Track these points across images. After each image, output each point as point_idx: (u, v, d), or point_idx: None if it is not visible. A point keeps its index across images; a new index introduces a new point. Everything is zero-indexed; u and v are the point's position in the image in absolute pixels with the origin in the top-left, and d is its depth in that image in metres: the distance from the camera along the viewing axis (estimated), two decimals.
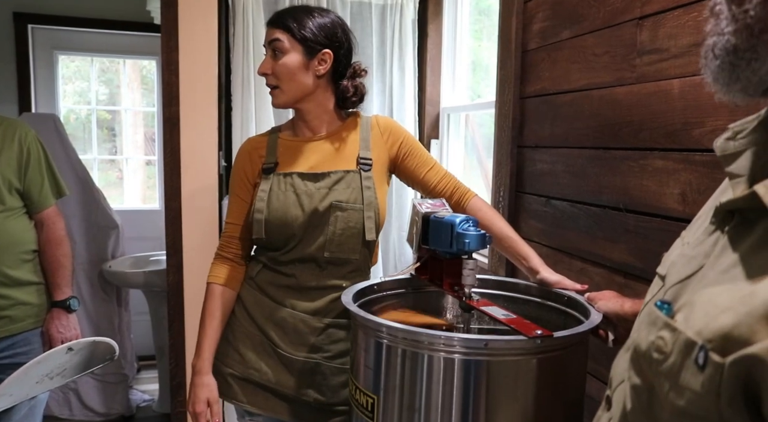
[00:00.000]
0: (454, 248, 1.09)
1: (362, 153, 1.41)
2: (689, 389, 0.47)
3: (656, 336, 0.53)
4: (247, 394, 1.40)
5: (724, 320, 0.45)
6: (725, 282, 0.49)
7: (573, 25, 1.61)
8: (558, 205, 1.67)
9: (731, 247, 0.52)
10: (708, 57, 0.53)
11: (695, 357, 0.47)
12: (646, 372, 0.54)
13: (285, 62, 1.37)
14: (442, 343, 0.95)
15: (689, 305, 0.52)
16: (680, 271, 0.59)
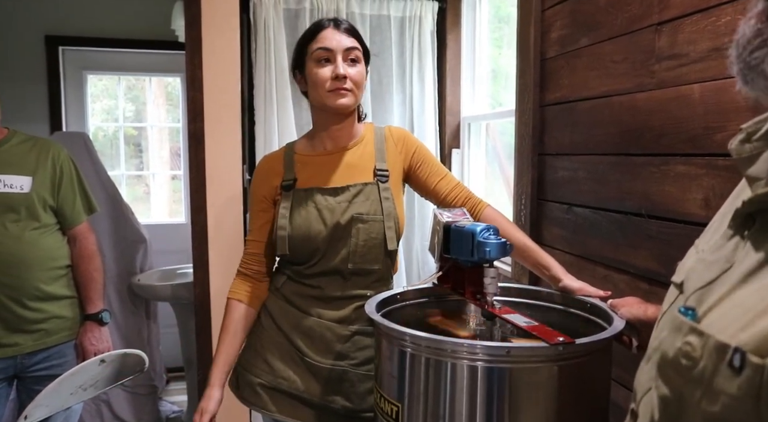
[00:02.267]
0: (476, 257, 1.10)
1: (378, 165, 1.44)
2: (724, 393, 0.47)
3: (683, 341, 0.53)
4: (276, 403, 1.42)
5: (761, 323, 0.45)
6: (753, 285, 0.49)
7: (591, 33, 1.61)
8: (580, 212, 1.67)
9: (754, 249, 0.52)
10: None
11: (729, 359, 0.46)
12: (674, 381, 0.54)
13: (361, 71, 1.42)
14: (465, 351, 0.96)
15: (716, 309, 0.52)
16: (701, 277, 0.59)
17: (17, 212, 1.74)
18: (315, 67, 1.39)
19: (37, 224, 1.78)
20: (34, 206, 1.77)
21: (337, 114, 1.42)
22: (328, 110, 1.41)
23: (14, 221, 1.74)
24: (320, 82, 1.37)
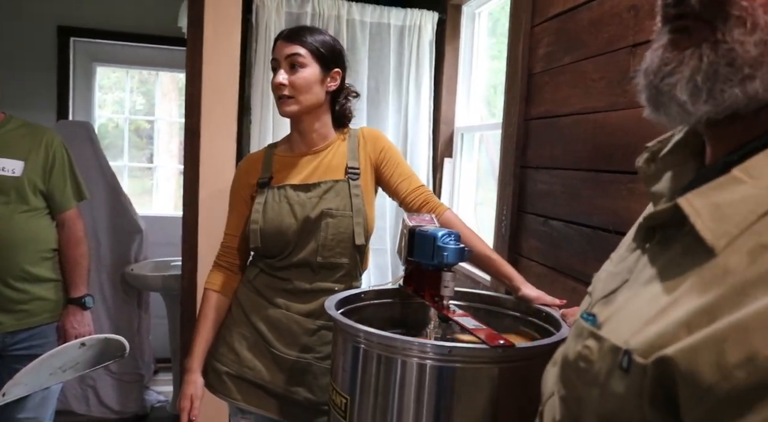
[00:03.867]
0: (435, 261, 1.14)
1: (350, 163, 1.49)
2: (615, 393, 0.50)
3: (583, 345, 0.57)
4: (241, 392, 1.47)
5: (649, 330, 0.49)
6: (647, 295, 0.53)
7: (574, 51, 1.65)
8: (555, 225, 1.71)
9: (650, 263, 0.56)
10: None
11: (620, 361, 0.50)
12: (574, 382, 0.58)
13: (304, 75, 1.45)
14: (415, 349, 1.00)
15: (614, 316, 0.56)
16: (605, 287, 0.63)
17: (7, 194, 1.79)
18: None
19: (26, 207, 1.84)
20: (24, 189, 1.82)
21: (291, 119, 1.49)
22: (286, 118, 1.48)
23: (4, 203, 1.79)
24: (272, 92, 1.46)
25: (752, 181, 0.47)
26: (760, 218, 0.45)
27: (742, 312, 0.41)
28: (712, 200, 0.48)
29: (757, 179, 0.47)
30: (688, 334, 0.44)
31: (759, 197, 0.46)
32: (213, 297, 1.52)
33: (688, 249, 0.50)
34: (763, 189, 0.46)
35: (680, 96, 0.51)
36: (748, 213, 0.46)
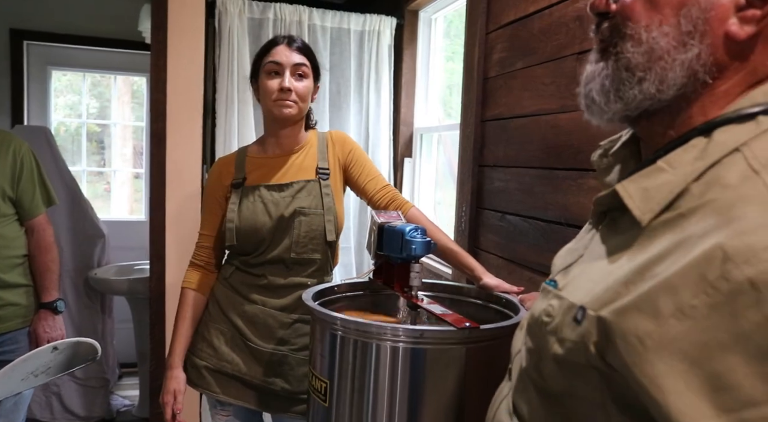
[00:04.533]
0: (404, 254, 1.23)
1: (320, 164, 1.57)
2: (568, 339, 0.62)
3: (547, 304, 0.68)
4: (219, 385, 1.54)
5: (598, 290, 0.60)
6: (597, 265, 0.65)
7: (526, 57, 1.77)
8: (511, 220, 1.83)
9: (601, 240, 0.67)
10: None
11: (575, 315, 0.61)
12: (537, 334, 0.69)
13: (307, 85, 1.55)
14: (388, 333, 1.09)
15: (571, 282, 0.67)
16: (564, 261, 0.74)
17: None
18: (266, 78, 1.52)
19: None
20: None
21: (283, 122, 1.54)
22: (275, 119, 1.54)
23: None
24: (268, 93, 1.51)
25: (672, 170, 0.58)
26: (677, 197, 0.57)
27: (665, 271, 0.52)
28: (641, 185, 0.60)
29: (675, 168, 0.58)
30: (626, 290, 0.55)
31: (676, 182, 0.57)
32: (190, 295, 1.58)
33: (628, 226, 0.61)
34: (680, 176, 0.57)
35: (597, 98, 0.65)
36: (668, 194, 0.57)
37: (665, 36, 0.60)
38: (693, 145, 0.59)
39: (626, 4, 0.63)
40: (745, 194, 0.51)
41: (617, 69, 0.63)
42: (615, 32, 0.64)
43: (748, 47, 0.59)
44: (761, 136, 0.55)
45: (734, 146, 0.55)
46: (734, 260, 0.47)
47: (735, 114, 0.58)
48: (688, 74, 0.60)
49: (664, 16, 0.60)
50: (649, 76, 0.61)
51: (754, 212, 0.49)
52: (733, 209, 0.51)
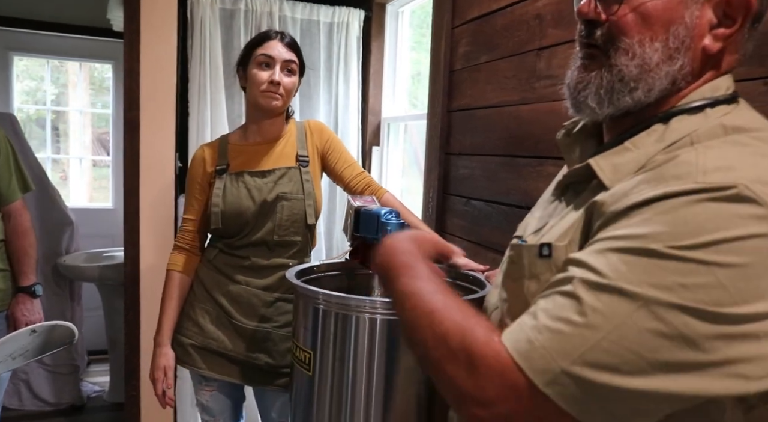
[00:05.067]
0: (379, 235, 1.34)
1: (300, 152, 1.67)
2: (537, 274, 0.73)
3: (512, 252, 0.80)
4: (205, 361, 1.62)
5: (558, 232, 0.72)
6: (561, 224, 0.76)
7: (489, 52, 1.89)
8: (476, 205, 1.95)
9: (566, 206, 0.79)
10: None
11: (540, 251, 0.73)
12: (509, 284, 0.80)
13: (294, 81, 1.65)
14: (367, 306, 1.20)
15: (544, 237, 0.78)
16: (533, 227, 0.85)
17: None
18: (256, 69, 1.60)
19: None
20: None
21: (268, 112, 1.63)
22: (260, 108, 1.62)
23: None
24: (257, 83, 1.59)
25: (636, 150, 0.70)
26: (638, 170, 0.68)
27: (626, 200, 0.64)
28: (611, 161, 0.72)
29: (639, 148, 0.70)
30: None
31: (638, 159, 0.69)
32: (176, 277, 1.65)
33: (592, 193, 0.72)
34: (641, 155, 0.69)
35: (591, 104, 0.74)
36: (633, 167, 0.69)
37: (656, 52, 0.70)
38: (654, 130, 0.71)
39: (621, 20, 0.71)
40: (677, 155, 0.64)
41: (611, 79, 0.72)
42: (609, 43, 0.72)
43: (716, 57, 0.72)
44: (708, 125, 0.67)
45: (686, 133, 0.68)
46: (650, 183, 0.62)
47: (687, 106, 0.71)
48: (671, 82, 0.71)
49: (654, 32, 0.70)
50: (641, 86, 0.71)
51: (679, 162, 0.63)
52: (665, 164, 0.64)
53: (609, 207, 0.65)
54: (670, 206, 0.59)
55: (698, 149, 0.64)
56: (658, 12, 0.69)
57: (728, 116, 0.68)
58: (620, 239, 0.60)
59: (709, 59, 0.71)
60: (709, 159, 0.61)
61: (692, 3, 0.69)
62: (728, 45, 0.71)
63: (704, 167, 0.60)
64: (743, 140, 0.64)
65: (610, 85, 0.72)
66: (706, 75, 0.72)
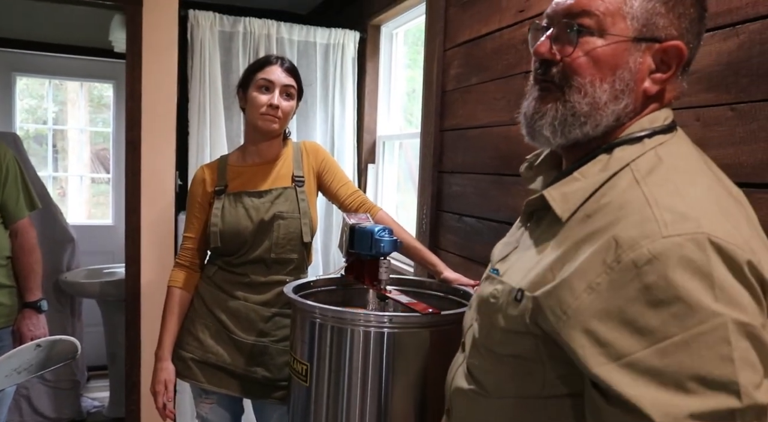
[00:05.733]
0: (373, 251, 1.40)
1: (296, 172, 1.73)
2: (511, 315, 0.79)
3: (493, 288, 0.86)
4: (205, 375, 1.67)
5: (531, 275, 0.78)
6: (528, 254, 0.83)
7: (479, 74, 1.96)
8: (468, 221, 2.01)
9: (529, 235, 0.85)
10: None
11: (515, 296, 0.79)
12: (486, 312, 0.87)
13: (292, 105, 1.72)
14: (361, 319, 1.26)
15: (509, 270, 0.85)
16: (501, 252, 0.92)
17: None
18: (256, 92, 1.67)
19: None
20: None
21: (266, 135, 1.69)
22: (259, 130, 1.68)
23: None
24: (257, 106, 1.66)
25: (584, 179, 0.78)
26: (586, 200, 0.76)
27: (578, 259, 0.71)
28: (562, 190, 0.79)
29: (586, 177, 0.78)
30: (552, 275, 0.73)
31: (586, 188, 0.76)
32: (176, 293, 1.71)
33: (550, 223, 0.79)
34: (589, 183, 0.77)
35: (546, 133, 0.82)
36: (581, 197, 0.76)
37: (604, 92, 0.78)
38: (599, 160, 0.79)
39: (575, 61, 0.78)
40: (628, 198, 0.71)
41: (565, 113, 0.79)
42: (564, 80, 0.80)
43: (655, 97, 0.80)
44: (645, 154, 0.76)
45: (626, 162, 0.76)
46: (623, 246, 0.67)
47: (628, 137, 0.79)
48: (615, 118, 0.79)
49: (603, 75, 0.78)
50: (590, 121, 0.79)
51: (635, 212, 0.69)
52: (621, 210, 0.70)
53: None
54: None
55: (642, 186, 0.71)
56: (607, 57, 0.77)
57: (662, 146, 0.77)
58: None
59: (649, 98, 0.80)
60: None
61: (635, 50, 0.78)
62: (665, 86, 0.80)
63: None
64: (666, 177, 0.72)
65: (564, 117, 0.80)
66: (646, 110, 0.81)
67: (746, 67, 1.03)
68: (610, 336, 0.66)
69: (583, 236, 0.72)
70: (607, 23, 0.77)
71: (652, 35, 0.77)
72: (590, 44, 0.78)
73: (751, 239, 0.68)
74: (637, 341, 0.64)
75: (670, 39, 0.77)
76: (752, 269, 0.65)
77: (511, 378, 0.81)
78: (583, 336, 0.68)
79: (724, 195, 0.73)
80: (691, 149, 0.80)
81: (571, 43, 0.79)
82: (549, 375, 0.76)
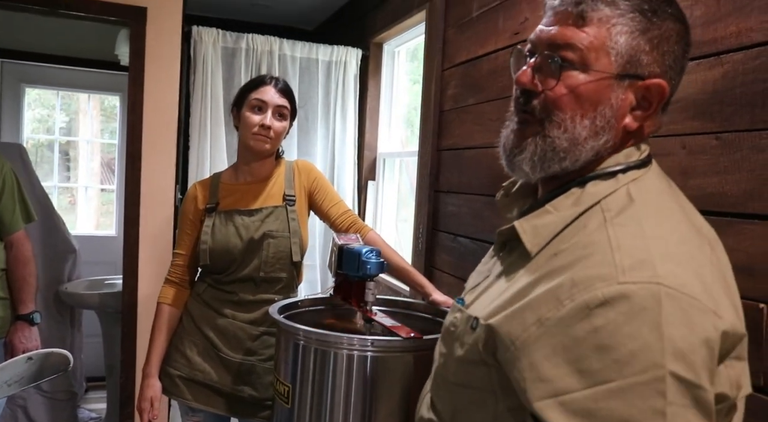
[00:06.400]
0: (360, 272, 1.39)
1: (287, 191, 1.73)
2: (467, 343, 0.79)
3: (453, 316, 0.86)
4: (192, 392, 1.67)
5: (492, 305, 0.77)
6: (496, 285, 0.82)
7: (476, 94, 1.97)
8: (462, 241, 2.00)
9: (500, 264, 0.84)
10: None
11: (471, 324, 0.78)
12: (447, 340, 0.86)
13: (285, 126, 1.72)
14: (345, 342, 1.25)
15: (476, 300, 0.84)
16: (473, 281, 0.91)
17: None
18: (249, 112, 1.68)
19: None
20: None
21: (257, 154, 1.70)
22: (250, 150, 1.69)
23: None
24: (249, 126, 1.66)
25: (556, 212, 0.76)
26: (557, 234, 0.74)
27: (534, 293, 0.70)
28: (533, 223, 0.77)
29: (558, 210, 0.76)
30: (509, 306, 0.73)
31: (557, 222, 0.75)
32: (166, 310, 1.71)
33: (521, 255, 0.78)
34: (560, 217, 0.75)
35: (525, 168, 0.80)
36: (551, 231, 0.75)
37: (585, 128, 0.77)
38: (572, 193, 0.77)
39: (556, 95, 0.77)
40: (594, 239, 0.70)
41: (545, 148, 0.78)
42: (544, 114, 0.78)
43: (635, 133, 0.79)
44: (617, 191, 0.75)
45: (598, 199, 0.74)
46: (578, 286, 0.66)
47: (602, 172, 0.77)
48: (594, 154, 0.78)
49: (585, 110, 0.76)
50: (569, 157, 0.77)
51: (597, 254, 0.68)
52: (584, 250, 0.69)
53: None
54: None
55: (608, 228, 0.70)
56: (589, 93, 0.76)
57: (635, 182, 0.75)
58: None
59: (629, 134, 0.79)
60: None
61: (618, 87, 0.76)
62: (646, 122, 0.79)
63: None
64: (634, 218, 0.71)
65: (543, 152, 0.78)
66: (625, 145, 0.79)
67: (730, 97, 1.02)
68: (553, 372, 0.65)
69: (546, 273, 0.71)
70: (591, 58, 0.76)
71: (636, 72, 0.76)
72: (573, 79, 0.76)
73: (713, 284, 0.67)
74: (578, 381, 0.63)
75: (653, 76, 0.76)
76: (708, 321, 0.63)
77: (465, 409, 0.81)
78: (527, 368, 0.68)
79: (690, 237, 0.72)
80: (664, 185, 0.79)
81: (553, 76, 0.77)
82: (500, 406, 0.76)
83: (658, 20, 0.76)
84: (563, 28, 0.77)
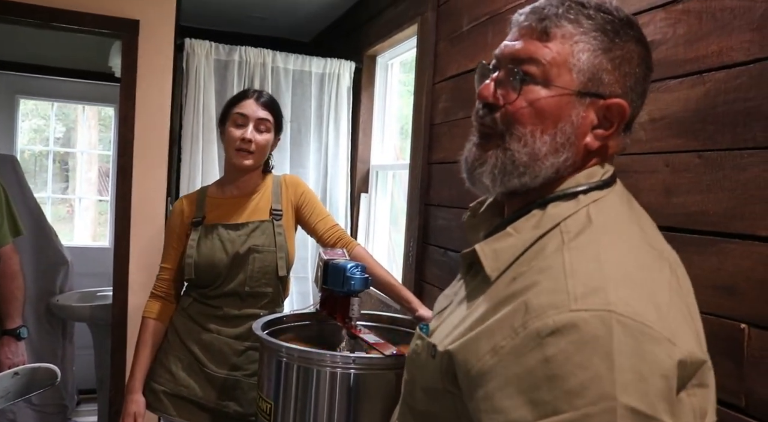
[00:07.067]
0: (345, 288, 1.38)
1: (274, 205, 1.72)
2: (428, 370, 0.77)
3: (415, 344, 0.84)
4: (176, 408, 1.65)
5: (453, 333, 0.75)
6: (458, 311, 0.80)
7: (466, 108, 1.96)
8: (452, 256, 1.99)
9: (465, 288, 0.83)
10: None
11: (431, 352, 0.77)
12: (410, 367, 0.85)
13: (267, 139, 1.71)
14: (328, 360, 1.24)
15: (440, 326, 0.83)
16: (439, 306, 0.90)
17: None
18: (231, 126, 1.67)
19: None
20: None
21: (241, 170, 1.70)
22: (234, 165, 1.69)
23: None
24: (231, 140, 1.66)
25: (517, 234, 0.75)
26: (517, 258, 0.73)
27: (492, 319, 0.68)
28: (493, 246, 0.76)
29: (519, 233, 0.75)
30: (468, 332, 0.71)
31: (518, 245, 0.74)
32: (150, 325, 1.70)
33: (483, 279, 0.77)
34: (521, 240, 0.74)
35: (486, 181, 0.79)
36: (511, 255, 0.73)
37: (545, 144, 0.76)
38: (533, 214, 0.76)
39: (517, 110, 0.76)
40: (550, 263, 0.68)
41: (505, 161, 0.77)
42: (505, 127, 0.77)
43: (598, 152, 0.78)
44: (578, 212, 0.73)
45: (558, 221, 0.73)
46: (531, 313, 0.65)
47: (563, 193, 0.76)
48: (555, 171, 0.77)
49: (545, 126, 0.76)
50: (529, 172, 0.76)
51: (550, 279, 0.66)
52: (540, 274, 0.68)
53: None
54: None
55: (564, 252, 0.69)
56: (550, 108, 0.75)
57: (596, 203, 0.74)
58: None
59: (590, 153, 0.78)
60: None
61: (578, 104, 0.75)
62: (607, 142, 0.78)
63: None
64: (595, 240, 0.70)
65: (503, 165, 0.77)
66: (587, 165, 0.78)
67: (712, 115, 1.02)
68: (507, 403, 0.64)
69: (504, 298, 0.70)
70: (553, 74, 0.75)
71: (597, 91, 0.75)
72: (534, 94, 0.75)
73: (670, 310, 0.66)
74: (530, 412, 0.62)
75: (614, 96, 0.75)
76: (662, 350, 0.62)
77: None
78: (482, 399, 0.66)
79: (648, 260, 0.71)
80: (624, 206, 0.77)
81: (514, 90, 0.76)
82: None
83: (621, 41, 0.76)
84: (527, 43, 0.77)
